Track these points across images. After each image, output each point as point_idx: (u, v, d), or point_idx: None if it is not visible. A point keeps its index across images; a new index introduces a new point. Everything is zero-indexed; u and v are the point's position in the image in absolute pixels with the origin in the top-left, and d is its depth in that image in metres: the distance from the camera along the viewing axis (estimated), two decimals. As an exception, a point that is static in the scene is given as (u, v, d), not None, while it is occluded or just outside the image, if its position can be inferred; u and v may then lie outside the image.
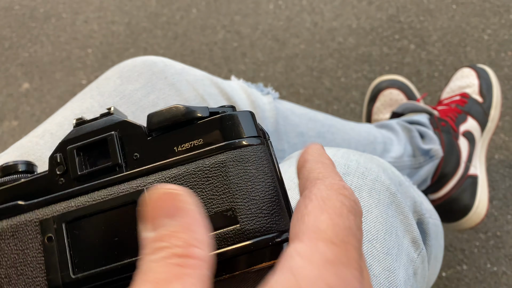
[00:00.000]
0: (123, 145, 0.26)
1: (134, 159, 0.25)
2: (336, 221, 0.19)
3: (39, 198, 0.26)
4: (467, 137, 0.82)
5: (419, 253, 0.38)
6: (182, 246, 0.19)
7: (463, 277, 0.83)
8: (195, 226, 0.19)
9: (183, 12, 1.24)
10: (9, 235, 0.25)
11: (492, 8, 1.09)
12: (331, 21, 1.15)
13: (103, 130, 0.26)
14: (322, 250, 0.18)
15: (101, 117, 0.27)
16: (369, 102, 0.93)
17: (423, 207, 0.42)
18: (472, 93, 0.85)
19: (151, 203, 0.20)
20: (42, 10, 1.31)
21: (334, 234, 0.18)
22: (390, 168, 0.40)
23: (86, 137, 0.26)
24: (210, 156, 0.24)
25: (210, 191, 0.24)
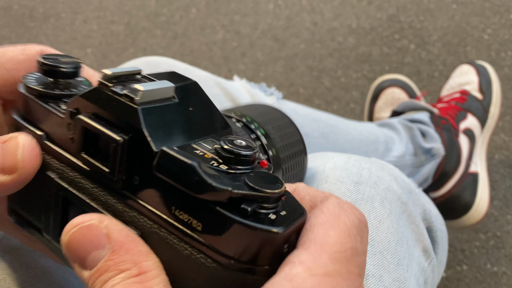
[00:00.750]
0: (130, 158, 0.21)
1: (134, 183, 0.21)
2: (344, 239, 0.19)
3: (55, 144, 0.23)
4: (468, 135, 0.82)
5: (430, 262, 0.38)
6: (131, 267, 0.18)
7: (463, 278, 0.83)
8: (128, 243, 0.19)
9: (183, 11, 1.23)
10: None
11: (492, 8, 1.09)
12: (331, 21, 1.14)
13: (120, 125, 0.21)
14: (324, 263, 0.18)
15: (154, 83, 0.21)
16: (371, 100, 0.93)
17: (432, 215, 0.42)
18: (471, 90, 0.85)
19: (72, 246, 0.19)
20: (41, 10, 1.30)
21: (339, 250, 0.18)
22: (400, 176, 0.40)
23: (105, 110, 0.21)
24: (204, 255, 0.19)
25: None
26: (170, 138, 0.20)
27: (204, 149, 0.21)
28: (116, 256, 0.19)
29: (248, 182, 0.19)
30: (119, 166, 0.21)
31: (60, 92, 0.25)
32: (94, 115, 0.21)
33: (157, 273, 0.19)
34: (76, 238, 0.19)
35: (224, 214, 0.18)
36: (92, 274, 0.19)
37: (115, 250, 0.19)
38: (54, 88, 0.25)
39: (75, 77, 0.26)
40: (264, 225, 0.18)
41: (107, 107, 0.21)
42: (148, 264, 0.19)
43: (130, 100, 0.20)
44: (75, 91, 0.25)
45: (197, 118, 0.23)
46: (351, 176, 0.37)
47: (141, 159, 0.20)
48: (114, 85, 0.21)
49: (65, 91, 0.25)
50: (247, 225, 0.18)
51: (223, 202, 0.18)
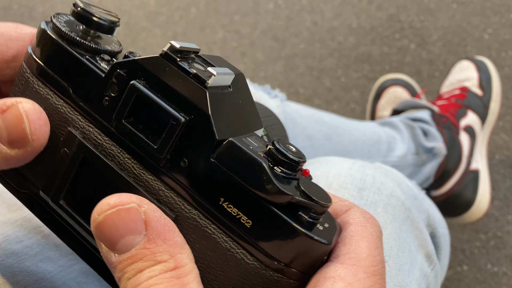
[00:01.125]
0: (184, 139, 0.20)
1: (180, 165, 0.20)
2: (374, 252, 0.20)
3: (83, 101, 0.22)
4: (468, 132, 0.81)
5: (433, 268, 0.38)
6: (168, 259, 0.18)
7: (463, 278, 0.83)
8: (165, 233, 0.18)
9: (182, 11, 1.23)
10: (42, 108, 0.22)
11: (493, 8, 1.08)
12: (331, 21, 1.14)
13: (181, 104, 0.19)
14: (362, 279, 0.19)
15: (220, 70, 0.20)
16: (374, 99, 0.93)
17: (436, 220, 0.42)
18: (471, 86, 0.85)
19: (105, 226, 0.18)
20: (41, 9, 1.30)
21: (372, 265, 0.19)
22: (404, 181, 0.41)
23: (167, 84, 0.20)
24: (245, 251, 0.19)
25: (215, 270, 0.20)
26: (228, 128, 0.20)
27: (255, 146, 0.20)
28: (153, 245, 0.18)
29: (305, 190, 0.19)
30: (171, 145, 0.20)
31: (97, 46, 0.22)
32: (150, 85, 0.20)
33: (191, 267, 0.19)
34: (112, 219, 0.18)
35: (282, 218, 0.18)
36: (124, 259, 0.18)
37: (151, 239, 0.18)
38: (90, 40, 0.23)
39: (111, 33, 0.24)
40: (318, 235, 0.19)
41: (170, 81, 0.20)
42: (183, 257, 0.18)
43: (200, 82, 0.19)
44: (109, 48, 0.23)
45: (245, 112, 0.22)
46: (355, 182, 0.37)
47: (198, 143, 0.19)
48: (180, 60, 0.20)
49: (100, 46, 0.23)
50: (304, 233, 0.18)
51: (282, 205, 0.18)
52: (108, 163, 0.21)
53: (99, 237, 0.19)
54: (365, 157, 0.62)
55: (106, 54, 0.23)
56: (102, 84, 0.21)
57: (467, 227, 0.87)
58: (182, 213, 0.20)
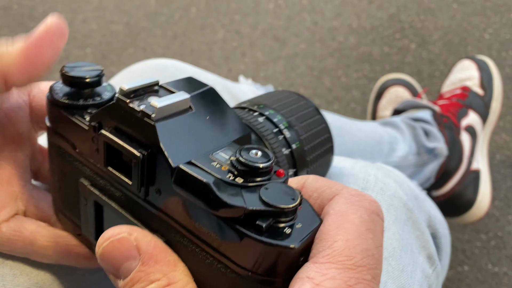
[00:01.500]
0: (149, 172, 0.21)
1: (156, 195, 0.22)
2: (353, 242, 0.18)
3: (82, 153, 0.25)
4: (469, 132, 0.81)
5: (434, 269, 0.38)
6: (161, 277, 0.19)
7: (464, 278, 0.83)
8: (157, 254, 0.20)
9: (182, 11, 1.23)
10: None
11: (493, 8, 1.08)
12: (332, 21, 1.14)
13: (140, 140, 0.21)
14: (333, 276, 0.17)
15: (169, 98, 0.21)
16: (375, 99, 0.93)
17: (437, 221, 0.42)
18: (472, 86, 0.85)
19: (105, 258, 0.20)
20: (41, 9, 1.30)
21: (348, 257, 0.18)
22: (406, 182, 0.41)
23: (125, 126, 0.22)
24: (224, 265, 0.20)
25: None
26: (188, 151, 0.21)
27: (221, 160, 0.21)
28: (146, 267, 0.20)
29: (263, 197, 0.19)
30: (141, 180, 0.21)
31: (84, 103, 0.25)
32: (115, 130, 0.22)
33: (185, 282, 0.20)
34: (108, 250, 0.20)
35: (240, 230, 0.19)
36: (126, 283, 0.20)
37: (144, 262, 0.20)
38: (79, 99, 0.25)
39: (98, 85, 0.26)
40: (279, 240, 0.18)
41: (126, 122, 0.22)
42: (176, 274, 0.20)
43: (147, 116, 0.21)
44: (99, 99, 0.26)
45: (215, 126, 0.23)
46: (357, 182, 0.37)
47: (161, 173, 0.21)
48: (131, 100, 0.21)
49: (89, 100, 0.26)
50: (262, 241, 0.18)
51: (239, 218, 0.19)
52: (109, 203, 0.24)
53: (104, 268, 0.21)
54: (367, 157, 0.62)
55: (94, 107, 0.25)
56: (89, 137, 0.24)
57: (468, 227, 0.87)
58: (171, 237, 0.22)
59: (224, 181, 0.19)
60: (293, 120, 0.34)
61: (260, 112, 0.33)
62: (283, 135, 0.32)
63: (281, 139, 0.32)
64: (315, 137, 0.34)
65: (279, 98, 0.36)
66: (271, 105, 0.34)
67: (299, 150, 0.33)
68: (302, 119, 0.34)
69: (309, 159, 0.34)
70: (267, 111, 0.33)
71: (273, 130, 0.32)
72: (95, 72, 0.26)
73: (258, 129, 0.31)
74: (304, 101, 0.36)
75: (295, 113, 0.34)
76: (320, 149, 0.35)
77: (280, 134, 0.32)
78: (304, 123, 0.34)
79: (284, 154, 0.32)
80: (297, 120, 0.34)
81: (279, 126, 0.32)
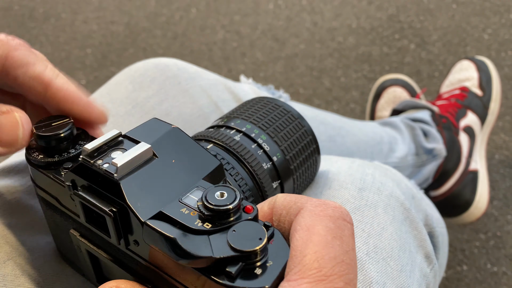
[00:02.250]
0: (123, 226, 0.22)
1: (135, 245, 0.22)
2: (320, 253, 0.18)
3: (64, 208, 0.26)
4: (468, 132, 0.82)
5: (432, 268, 0.38)
6: None
7: (463, 278, 0.83)
8: None
9: (183, 12, 1.24)
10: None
11: (493, 8, 1.09)
12: (331, 21, 1.14)
13: (110, 197, 0.22)
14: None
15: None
16: (373, 99, 0.94)
17: (434, 220, 0.42)
18: (471, 86, 0.85)
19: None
20: (42, 10, 1.30)
21: (318, 269, 0.18)
22: (403, 181, 0.41)
23: (94, 185, 0.22)
24: None
25: None
26: (156, 201, 0.21)
27: (191, 204, 0.21)
28: None
29: (230, 242, 0.19)
30: (117, 234, 0.22)
31: (59, 159, 0.26)
32: (87, 188, 0.23)
33: None
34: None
35: (211, 279, 0.19)
36: None
37: None
38: (54, 155, 0.26)
39: (71, 137, 0.27)
40: (251, 284, 0.19)
41: (94, 181, 0.22)
42: None
43: (110, 175, 0.21)
44: (73, 151, 0.26)
45: (182, 168, 0.23)
46: (355, 182, 0.37)
47: (135, 226, 0.21)
48: (95, 160, 0.22)
49: (64, 155, 0.26)
50: (234, 287, 0.18)
51: (209, 267, 0.19)
52: (99, 252, 0.25)
53: None
54: (367, 158, 0.62)
55: (69, 161, 0.26)
56: (68, 194, 0.24)
57: (467, 227, 0.87)
58: (159, 283, 0.22)
59: (192, 230, 0.20)
60: (271, 131, 0.33)
61: (236, 129, 0.33)
62: (263, 149, 0.32)
63: (261, 153, 0.32)
64: (296, 143, 0.34)
65: (256, 109, 0.35)
66: (248, 119, 0.34)
67: (281, 161, 0.33)
68: (281, 127, 0.34)
69: (293, 166, 0.34)
70: (243, 127, 0.33)
71: (252, 146, 0.32)
72: (66, 127, 0.26)
73: (235, 149, 0.31)
74: (281, 108, 0.36)
75: (272, 123, 0.34)
76: (304, 153, 0.35)
77: (260, 148, 0.32)
78: (283, 131, 0.34)
79: (266, 169, 0.32)
80: (275, 130, 0.34)
81: (258, 140, 0.32)
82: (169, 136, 0.24)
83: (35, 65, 0.27)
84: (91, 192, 0.22)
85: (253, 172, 0.31)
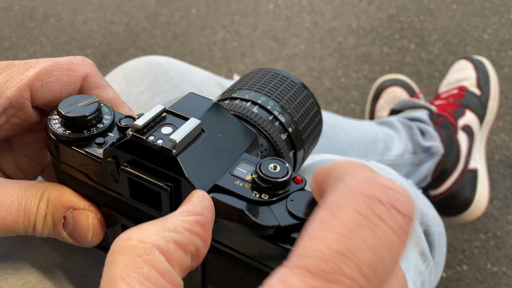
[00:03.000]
0: (178, 201, 0.22)
1: None
2: (330, 242, 0.14)
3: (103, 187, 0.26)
4: (466, 131, 0.82)
5: (427, 265, 0.38)
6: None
7: (463, 278, 0.83)
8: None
9: (183, 12, 1.24)
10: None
11: (493, 8, 1.09)
12: (331, 21, 1.14)
13: (164, 173, 0.22)
14: (292, 285, 0.14)
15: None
16: (373, 99, 0.94)
17: (429, 218, 0.42)
18: (469, 86, 0.85)
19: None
20: (42, 10, 1.30)
21: (317, 261, 0.14)
22: (399, 179, 0.41)
23: (145, 161, 0.22)
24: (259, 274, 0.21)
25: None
26: (210, 174, 0.22)
27: (242, 177, 0.22)
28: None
29: (292, 211, 0.20)
30: (171, 209, 0.22)
31: (89, 134, 0.25)
32: (133, 163, 0.23)
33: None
34: None
35: (276, 246, 0.20)
36: None
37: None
38: (82, 130, 0.26)
39: (97, 113, 0.26)
40: None
41: (146, 158, 0.22)
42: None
43: (168, 151, 0.21)
44: (101, 126, 0.26)
45: (227, 142, 0.24)
46: None
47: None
48: (147, 136, 0.22)
49: (93, 130, 0.26)
50: None
51: (274, 235, 0.20)
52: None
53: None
54: (361, 155, 0.63)
55: (100, 136, 0.26)
56: (105, 170, 0.24)
57: (467, 227, 0.87)
58: (206, 258, 0.22)
59: (253, 201, 0.21)
60: (284, 102, 0.34)
61: (252, 101, 0.34)
62: (279, 121, 0.33)
63: (278, 125, 0.33)
64: (306, 114, 0.36)
65: (266, 81, 0.36)
66: (261, 91, 0.35)
67: (295, 132, 0.34)
68: (292, 99, 0.35)
69: (305, 136, 0.35)
70: (259, 99, 0.34)
71: (269, 118, 0.33)
72: (93, 106, 0.26)
73: (255, 121, 0.32)
74: (289, 80, 0.37)
75: (285, 95, 0.35)
76: (312, 123, 0.36)
77: (276, 120, 0.33)
78: (295, 103, 0.35)
79: (284, 140, 0.33)
80: (288, 102, 0.35)
81: (274, 112, 0.33)
82: (212, 111, 0.24)
83: (107, 88, 0.29)
84: (140, 167, 0.22)
85: (274, 143, 0.32)
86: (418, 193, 0.45)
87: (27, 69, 0.26)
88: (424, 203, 0.44)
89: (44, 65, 0.26)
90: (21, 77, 0.26)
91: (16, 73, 0.26)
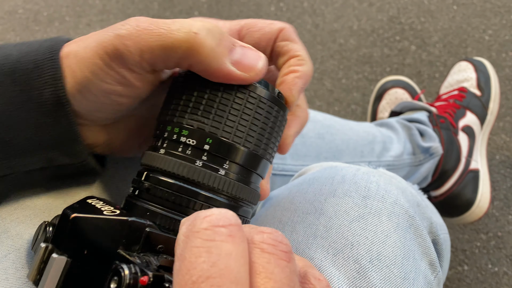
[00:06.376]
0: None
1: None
2: (186, 277, 0.17)
3: None
4: (467, 132, 0.82)
5: (436, 275, 0.38)
6: None
7: (464, 278, 0.83)
8: None
9: (185, 15, 1.25)
10: None
11: (493, 9, 1.09)
12: (332, 23, 1.15)
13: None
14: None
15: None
16: (375, 101, 0.94)
17: (438, 227, 0.42)
18: (470, 87, 0.86)
19: None
20: (46, 13, 1.32)
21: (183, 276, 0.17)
22: (408, 188, 0.40)
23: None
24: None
25: None
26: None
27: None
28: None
29: None
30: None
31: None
32: None
33: None
34: None
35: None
36: None
37: None
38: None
39: None
40: None
41: None
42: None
43: None
44: None
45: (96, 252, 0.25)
46: (359, 190, 0.37)
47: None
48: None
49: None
50: None
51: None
52: None
53: None
54: (357, 156, 0.63)
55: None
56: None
57: (468, 227, 0.87)
58: None
59: None
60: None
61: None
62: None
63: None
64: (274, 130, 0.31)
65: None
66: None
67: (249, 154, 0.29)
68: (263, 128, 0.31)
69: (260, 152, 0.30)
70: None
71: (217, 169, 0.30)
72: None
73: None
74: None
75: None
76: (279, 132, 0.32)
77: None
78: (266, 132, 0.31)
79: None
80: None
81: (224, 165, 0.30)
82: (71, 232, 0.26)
83: (298, 43, 0.33)
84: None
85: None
86: (427, 202, 0.45)
87: (234, 21, 0.32)
88: (432, 211, 0.43)
89: (251, 20, 0.33)
90: (234, 23, 0.32)
91: (225, 22, 0.33)
